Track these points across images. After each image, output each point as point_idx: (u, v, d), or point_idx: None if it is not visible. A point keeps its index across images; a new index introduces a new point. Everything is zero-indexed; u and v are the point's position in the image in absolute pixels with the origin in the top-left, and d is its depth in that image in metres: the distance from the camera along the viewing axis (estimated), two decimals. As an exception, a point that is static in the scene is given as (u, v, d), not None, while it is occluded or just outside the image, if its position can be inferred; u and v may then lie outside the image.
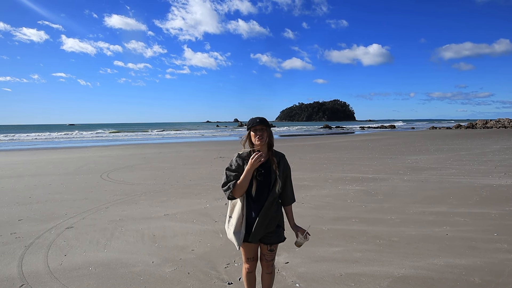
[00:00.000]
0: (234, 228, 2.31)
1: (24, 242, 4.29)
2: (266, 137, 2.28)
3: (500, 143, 18.71)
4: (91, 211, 5.80)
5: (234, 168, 2.31)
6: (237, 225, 2.31)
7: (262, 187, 2.29)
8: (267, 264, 2.48)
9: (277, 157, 2.37)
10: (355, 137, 29.78)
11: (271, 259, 2.46)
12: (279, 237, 2.39)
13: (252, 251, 2.44)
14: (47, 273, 3.40)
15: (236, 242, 2.29)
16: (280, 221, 2.40)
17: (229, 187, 2.26)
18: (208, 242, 4.24)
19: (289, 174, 2.44)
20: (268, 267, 2.50)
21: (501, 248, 3.82)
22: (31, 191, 7.47)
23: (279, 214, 2.40)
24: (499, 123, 46.42)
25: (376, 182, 7.85)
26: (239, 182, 2.25)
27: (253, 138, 2.28)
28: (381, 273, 3.27)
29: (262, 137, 2.25)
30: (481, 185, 7.21)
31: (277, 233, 2.38)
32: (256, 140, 2.27)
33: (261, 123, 2.26)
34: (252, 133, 2.29)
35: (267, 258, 2.45)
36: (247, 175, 2.22)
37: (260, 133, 2.25)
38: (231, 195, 2.28)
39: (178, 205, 6.11)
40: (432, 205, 5.74)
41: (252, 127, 2.27)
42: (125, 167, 11.28)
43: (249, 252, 2.43)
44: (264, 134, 2.26)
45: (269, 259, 2.45)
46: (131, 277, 3.31)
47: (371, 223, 4.82)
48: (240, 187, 2.24)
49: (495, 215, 5.09)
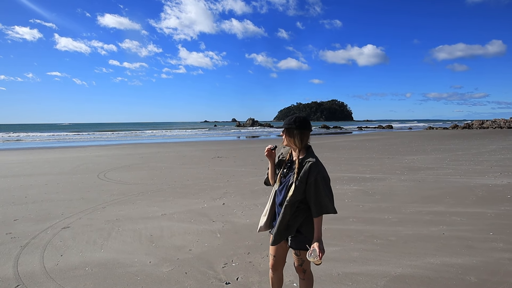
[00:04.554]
0: (263, 211, 2.45)
1: (20, 242, 4.26)
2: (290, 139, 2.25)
3: (496, 143, 18.82)
4: (88, 211, 5.77)
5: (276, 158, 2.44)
6: (265, 210, 2.43)
7: (283, 186, 2.27)
8: (296, 269, 2.38)
9: (304, 161, 2.18)
10: (353, 137, 29.85)
11: (298, 264, 2.33)
12: (298, 243, 2.25)
13: (274, 247, 2.41)
14: (43, 273, 3.38)
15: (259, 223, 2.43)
16: (302, 227, 2.23)
17: (267, 173, 2.49)
18: (206, 242, 4.23)
19: (314, 182, 2.14)
20: (299, 272, 2.38)
21: (497, 247, 3.84)
22: (26, 191, 7.43)
23: (299, 220, 2.22)
24: (495, 123, 46.70)
25: (374, 182, 7.87)
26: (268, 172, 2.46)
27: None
28: (378, 273, 3.28)
29: (284, 140, 2.33)
30: (477, 185, 7.25)
31: (296, 239, 2.25)
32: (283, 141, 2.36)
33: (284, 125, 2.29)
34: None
35: (295, 263, 2.36)
36: (270, 167, 2.42)
37: (283, 134, 2.31)
38: (265, 180, 2.51)
39: (176, 205, 6.09)
40: (429, 204, 5.77)
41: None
42: (122, 167, 11.24)
43: (271, 248, 2.42)
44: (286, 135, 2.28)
45: (296, 264, 2.35)
46: (128, 277, 3.30)
47: (368, 223, 4.83)
48: (269, 176, 2.45)
49: (491, 214, 5.11)
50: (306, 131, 2.23)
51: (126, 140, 31.27)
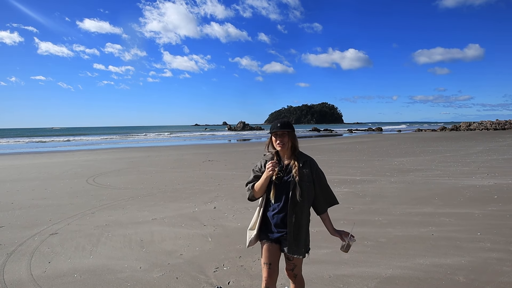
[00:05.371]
0: (250, 226, 2.32)
1: (6, 250, 4.16)
2: (288, 142, 2.15)
3: (483, 144, 19.23)
4: (77, 216, 5.67)
5: (257, 169, 2.26)
6: (253, 223, 2.30)
7: (281, 192, 2.15)
8: (288, 274, 2.31)
9: (301, 161, 2.18)
10: (343, 140, 30.10)
11: (290, 269, 2.26)
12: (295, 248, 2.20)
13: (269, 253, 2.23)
14: (30, 281, 3.30)
15: (247, 239, 2.29)
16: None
17: (249, 188, 2.25)
18: (197, 246, 4.20)
19: (318, 180, 2.22)
20: (290, 277, 2.32)
21: (484, 247, 3.91)
22: (13, 197, 7.26)
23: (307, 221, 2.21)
24: (482, 125, 47.71)
25: (364, 184, 7.94)
26: (255, 186, 2.20)
27: (274, 143, 2.17)
28: (369, 274, 3.30)
29: (283, 142, 2.13)
30: (465, 186, 7.39)
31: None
32: (277, 145, 2.15)
33: (282, 128, 2.13)
34: (273, 138, 2.18)
35: (286, 268, 2.29)
36: (263, 182, 2.14)
37: (280, 138, 2.13)
38: (250, 197, 2.26)
39: (166, 209, 6.04)
40: (418, 206, 5.85)
41: (273, 132, 2.15)
42: (112, 171, 11.10)
43: (265, 255, 2.24)
44: (285, 138, 2.14)
45: (288, 269, 2.28)
46: (118, 283, 3.25)
47: (359, 225, 4.87)
48: (257, 191, 2.20)
49: (478, 215, 5.21)
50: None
51: (115, 144, 30.90)
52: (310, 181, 2.17)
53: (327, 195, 2.28)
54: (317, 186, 2.22)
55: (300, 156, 2.22)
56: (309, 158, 2.24)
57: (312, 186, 2.19)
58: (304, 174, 2.15)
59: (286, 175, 2.17)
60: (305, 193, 2.12)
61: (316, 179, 2.22)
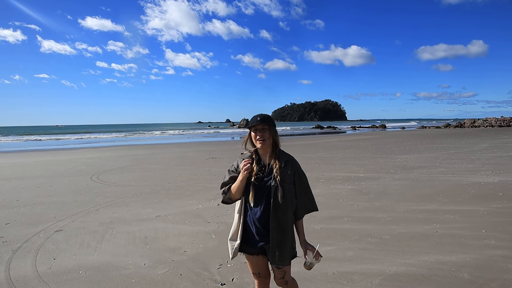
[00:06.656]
0: (230, 235, 2.09)
1: (12, 246, 4.20)
2: (269, 138, 1.98)
3: (488, 141, 19.08)
4: (81, 213, 5.71)
5: (233, 169, 2.07)
6: (233, 233, 2.08)
7: (261, 194, 1.98)
8: (278, 282, 2.14)
9: (282, 160, 2.02)
10: (346, 137, 30.01)
11: (280, 277, 2.09)
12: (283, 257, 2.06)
13: (255, 265, 2.11)
14: (35, 278, 3.33)
15: (229, 250, 2.07)
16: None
17: (224, 191, 2.06)
18: (201, 243, 4.21)
19: (300, 183, 2.06)
20: (281, 285, 2.15)
21: (489, 244, 3.89)
22: (18, 194, 7.33)
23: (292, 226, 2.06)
24: (487, 122, 47.35)
25: (368, 181, 7.92)
26: (232, 188, 2.03)
27: (254, 139, 2.00)
28: (373, 271, 3.29)
29: (263, 138, 1.96)
30: (470, 183, 7.34)
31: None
32: (257, 142, 1.98)
33: (263, 122, 1.96)
34: (252, 133, 2.01)
35: (275, 277, 2.12)
36: (239, 183, 1.98)
37: (261, 134, 1.96)
38: (226, 199, 2.07)
39: (170, 207, 6.06)
40: (422, 203, 5.82)
41: (253, 126, 1.99)
42: (116, 169, 11.15)
43: (252, 266, 2.12)
44: (266, 134, 1.97)
45: (278, 277, 2.10)
46: (122, 280, 3.27)
47: (363, 222, 4.85)
48: (234, 193, 2.02)
49: (483, 212, 5.18)
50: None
51: (119, 141, 31.03)
52: (292, 183, 2.01)
53: (307, 200, 2.09)
54: (298, 189, 2.05)
55: (282, 154, 2.05)
56: (291, 158, 2.08)
57: (293, 188, 2.03)
58: (286, 175, 1.99)
59: (266, 175, 2.00)
60: (287, 195, 1.96)
61: (298, 181, 2.05)
